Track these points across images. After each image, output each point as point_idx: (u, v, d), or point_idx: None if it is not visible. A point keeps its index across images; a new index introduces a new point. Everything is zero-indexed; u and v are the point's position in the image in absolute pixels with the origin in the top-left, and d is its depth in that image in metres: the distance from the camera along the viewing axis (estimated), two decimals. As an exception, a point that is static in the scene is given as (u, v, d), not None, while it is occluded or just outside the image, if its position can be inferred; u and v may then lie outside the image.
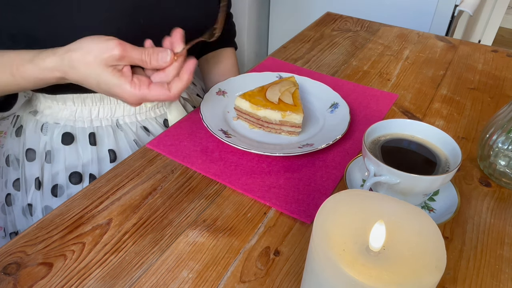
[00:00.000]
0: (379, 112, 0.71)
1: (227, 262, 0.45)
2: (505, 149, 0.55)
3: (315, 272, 0.32)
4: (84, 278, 0.43)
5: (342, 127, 0.63)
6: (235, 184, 0.55)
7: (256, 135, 0.64)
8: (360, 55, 0.91)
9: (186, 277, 0.44)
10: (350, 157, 0.61)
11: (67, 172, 0.68)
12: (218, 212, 0.52)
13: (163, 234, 0.48)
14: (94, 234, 0.48)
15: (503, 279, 0.45)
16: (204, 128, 0.65)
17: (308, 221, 0.50)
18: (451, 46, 0.97)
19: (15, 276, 0.43)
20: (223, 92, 0.72)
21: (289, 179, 0.56)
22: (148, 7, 0.63)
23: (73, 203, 0.52)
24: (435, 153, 0.50)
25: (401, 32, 1.03)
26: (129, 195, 0.53)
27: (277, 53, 0.91)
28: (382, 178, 0.46)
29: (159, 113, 0.74)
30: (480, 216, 0.52)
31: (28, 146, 0.70)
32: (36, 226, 0.49)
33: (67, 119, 0.68)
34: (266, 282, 0.44)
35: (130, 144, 0.70)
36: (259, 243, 0.48)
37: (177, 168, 0.58)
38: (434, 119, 0.71)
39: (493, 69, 0.87)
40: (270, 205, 0.53)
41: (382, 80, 0.82)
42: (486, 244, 0.49)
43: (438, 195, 0.52)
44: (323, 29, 1.03)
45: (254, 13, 1.80)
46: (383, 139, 0.52)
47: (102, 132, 0.69)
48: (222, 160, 0.59)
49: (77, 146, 0.68)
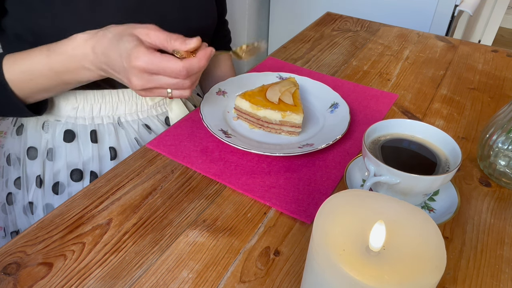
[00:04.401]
0: (379, 112, 0.71)
1: (227, 262, 0.45)
2: (505, 149, 0.55)
3: (315, 272, 0.32)
4: (84, 278, 0.43)
5: (342, 127, 0.63)
6: (235, 184, 0.55)
7: (256, 135, 0.64)
8: (360, 55, 0.91)
9: (186, 277, 0.44)
10: (350, 157, 0.61)
11: (68, 169, 0.68)
12: (218, 212, 0.52)
13: (163, 234, 0.48)
14: (94, 234, 0.48)
15: (503, 279, 0.45)
16: (204, 128, 0.65)
17: (308, 221, 0.50)
18: (451, 46, 0.97)
19: (15, 276, 0.43)
20: (223, 92, 0.72)
21: (289, 179, 0.56)
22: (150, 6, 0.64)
23: (73, 203, 0.52)
24: (435, 153, 0.50)
25: (401, 32, 1.03)
26: (129, 195, 0.53)
27: (277, 53, 0.91)
28: (382, 178, 0.46)
29: (160, 111, 0.74)
30: (480, 216, 0.52)
31: (29, 144, 0.70)
32: (36, 226, 0.49)
33: (68, 117, 0.68)
34: (266, 282, 0.44)
35: (131, 142, 0.71)
36: (259, 243, 0.48)
37: (177, 168, 0.58)
38: (434, 119, 0.71)
39: (493, 69, 0.87)
40: (270, 205, 0.53)
41: (382, 80, 0.82)
42: (486, 244, 0.49)
43: (438, 195, 0.52)
44: (323, 29, 1.03)
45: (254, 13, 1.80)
46: (383, 139, 0.52)
47: (103, 129, 0.69)
48: (222, 160, 0.59)
49: (78, 144, 0.68)
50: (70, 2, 0.58)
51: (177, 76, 0.52)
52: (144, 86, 0.52)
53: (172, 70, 0.51)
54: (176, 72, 0.51)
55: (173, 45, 0.52)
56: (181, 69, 0.51)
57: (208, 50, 0.54)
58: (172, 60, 0.51)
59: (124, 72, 0.52)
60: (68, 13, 0.59)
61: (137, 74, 0.51)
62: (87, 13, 0.59)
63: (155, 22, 0.65)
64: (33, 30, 0.60)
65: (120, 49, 0.51)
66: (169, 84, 0.53)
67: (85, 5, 0.59)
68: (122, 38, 0.51)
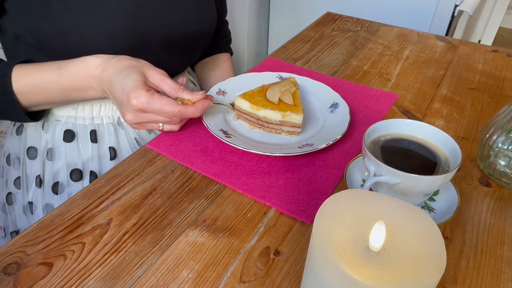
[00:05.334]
0: (379, 112, 0.71)
1: (227, 262, 0.45)
2: (505, 149, 0.55)
3: (315, 272, 0.32)
4: (84, 278, 0.43)
5: (342, 127, 0.63)
6: (235, 184, 0.55)
7: (256, 135, 0.64)
8: (360, 55, 0.91)
9: (186, 277, 0.44)
10: (350, 157, 0.61)
11: (68, 169, 0.68)
12: (218, 212, 0.52)
13: (163, 234, 0.48)
14: (94, 234, 0.48)
15: (503, 279, 0.45)
16: (204, 128, 0.65)
17: (308, 221, 0.50)
18: (451, 46, 0.97)
19: (15, 276, 0.43)
20: (223, 92, 0.72)
21: (289, 179, 0.56)
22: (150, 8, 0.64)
23: (73, 203, 0.52)
24: (435, 153, 0.50)
25: (401, 32, 1.03)
26: (129, 195, 0.53)
27: (277, 53, 0.91)
28: (382, 178, 0.46)
29: None
30: (480, 216, 0.52)
31: (29, 144, 0.70)
32: (36, 226, 0.49)
33: (68, 117, 0.69)
34: (266, 282, 0.44)
35: (131, 142, 0.71)
36: (259, 243, 0.48)
37: (177, 168, 0.58)
38: (434, 119, 0.71)
39: (493, 69, 0.87)
40: (270, 205, 0.53)
41: (382, 80, 0.82)
42: (486, 244, 0.49)
43: (438, 195, 0.52)
44: (323, 29, 1.03)
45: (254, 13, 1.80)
46: (383, 139, 0.52)
47: (103, 129, 0.69)
48: (222, 160, 0.59)
49: (78, 143, 0.69)
50: (69, 3, 0.58)
51: (171, 118, 0.56)
52: (136, 121, 0.56)
53: (168, 113, 0.55)
54: (172, 115, 0.55)
55: (181, 95, 0.56)
56: (176, 113, 0.55)
57: (206, 103, 0.58)
58: (169, 104, 0.54)
59: (121, 105, 0.55)
60: (68, 14, 0.59)
61: (131, 111, 0.55)
62: (86, 15, 0.59)
63: (155, 23, 0.65)
64: (33, 31, 0.60)
65: (123, 84, 0.54)
66: (161, 121, 0.58)
67: (84, 7, 0.59)
68: (129, 74, 0.55)
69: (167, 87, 0.56)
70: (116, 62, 0.56)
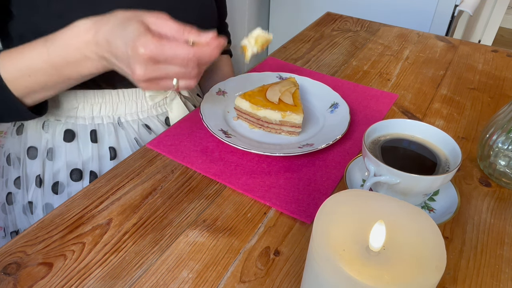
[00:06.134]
0: (379, 112, 0.71)
1: (227, 262, 0.45)
2: (505, 149, 0.55)
3: (315, 272, 0.32)
4: (84, 278, 0.43)
5: (342, 127, 0.63)
6: (235, 184, 0.55)
7: (256, 135, 0.64)
8: (360, 55, 0.91)
9: (186, 277, 0.44)
10: (350, 157, 0.61)
11: (68, 169, 0.68)
12: (218, 212, 0.52)
13: (163, 234, 0.48)
14: (94, 234, 0.48)
15: (503, 279, 0.45)
16: (204, 128, 0.65)
17: (308, 221, 0.50)
18: (451, 46, 0.97)
19: (15, 276, 0.43)
20: (223, 92, 0.72)
21: (289, 179, 0.56)
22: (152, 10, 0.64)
23: (73, 203, 0.52)
24: (435, 153, 0.50)
25: (401, 32, 1.03)
26: (129, 195, 0.53)
27: (277, 53, 0.91)
28: (382, 178, 0.46)
29: (160, 111, 0.74)
30: (480, 216, 0.52)
31: (29, 144, 0.70)
32: (36, 226, 0.49)
33: (68, 116, 0.69)
34: (266, 282, 0.44)
35: (131, 142, 0.71)
36: (259, 243, 0.48)
37: (177, 168, 0.58)
38: (434, 119, 0.71)
39: (493, 69, 0.87)
40: (270, 205, 0.53)
41: (382, 80, 0.82)
42: (486, 244, 0.49)
43: (438, 195, 0.52)
44: (323, 29, 1.03)
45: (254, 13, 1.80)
46: (383, 139, 0.52)
47: (103, 129, 0.69)
48: (222, 160, 0.59)
49: (78, 143, 0.69)
50: (71, 0, 0.58)
51: (186, 64, 0.48)
52: (148, 76, 0.48)
53: (182, 58, 0.47)
54: (187, 59, 0.48)
55: (187, 37, 0.49)
56: (191, 57, 0.47)
57: (221, 40, 0.50)
58: (182, 46, 0.47)
59: (128, 60, 0.48)
60: (69, 12, 0.59)
61: (142, 62, 0.47)
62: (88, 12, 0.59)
63: None
64: (37, 31, 0.59)
65: (125, 36, 0.47)
66: (176, 73, 0.49)
67: (86, 4, 0.59)
68: (128, 25, 0.48)
69: (170, 30, 0.48)
70: (108, 19, 0.50)
